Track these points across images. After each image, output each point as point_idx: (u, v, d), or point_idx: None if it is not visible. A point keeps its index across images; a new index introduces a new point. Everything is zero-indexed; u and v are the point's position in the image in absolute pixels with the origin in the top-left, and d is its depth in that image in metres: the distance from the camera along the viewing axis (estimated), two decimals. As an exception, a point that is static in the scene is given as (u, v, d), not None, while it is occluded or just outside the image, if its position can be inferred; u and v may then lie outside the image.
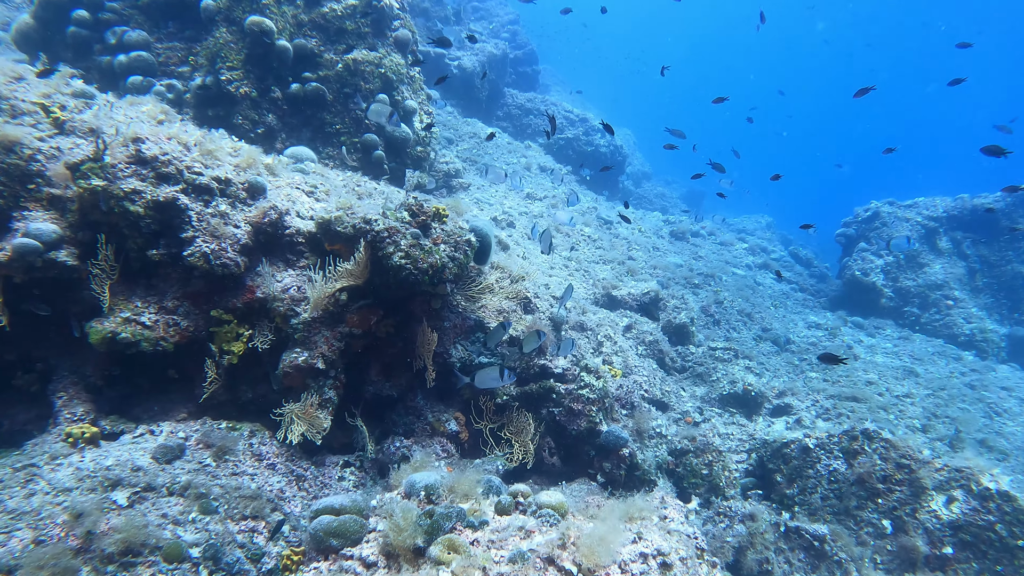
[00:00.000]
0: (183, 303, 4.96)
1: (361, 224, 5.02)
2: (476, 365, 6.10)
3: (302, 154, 7.57)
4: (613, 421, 6.05)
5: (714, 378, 8.72)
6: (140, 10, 7.95)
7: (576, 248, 11.61)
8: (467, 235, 5.57)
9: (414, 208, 5.35)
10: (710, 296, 11.96)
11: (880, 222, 14.89)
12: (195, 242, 4.81)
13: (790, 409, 8.58)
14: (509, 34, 24.10)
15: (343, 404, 5.53)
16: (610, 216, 14.32)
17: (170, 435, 4.51)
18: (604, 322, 8.56)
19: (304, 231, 5.48)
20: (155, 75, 7.85)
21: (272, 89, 7.67)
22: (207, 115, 7.67)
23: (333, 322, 5.29)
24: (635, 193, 24.37)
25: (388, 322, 5.64)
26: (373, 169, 8.40)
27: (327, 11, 7.94)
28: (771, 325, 12.15)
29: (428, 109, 9.26)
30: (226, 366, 5.10)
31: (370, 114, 6.93)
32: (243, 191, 5.37)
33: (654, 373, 8.34)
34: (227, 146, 5.78)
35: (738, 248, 17.80)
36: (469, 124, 17.03)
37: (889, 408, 8.36)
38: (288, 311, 5.20)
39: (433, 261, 5.09)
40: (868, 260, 14.51)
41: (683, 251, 15.10)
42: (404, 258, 4.94)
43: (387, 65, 8.25)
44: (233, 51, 7.51)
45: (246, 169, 5.55)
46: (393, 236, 5.00)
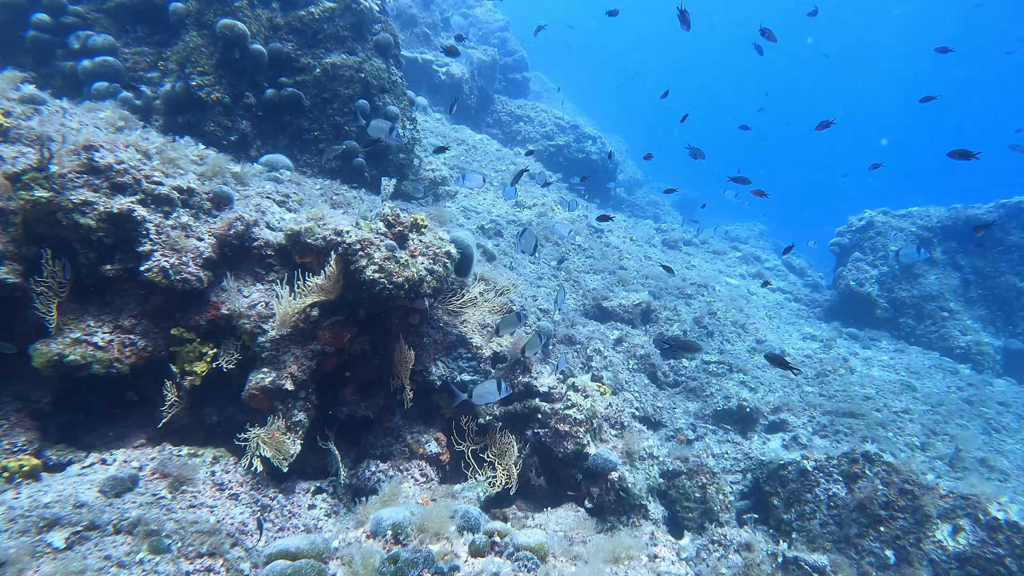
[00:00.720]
0: (141, 321, 4.67)
1: (332, 236, 4.76)
2: (458, 383, 5.84)
3: (277, 162, 7.31)
4: (602, 442, 5.79)
5: (708, 393, 8.47)
6: (106, 14, 7.67)
7: (566, 258, 11.37)
8: (447, 246, 5.31)
9: (390, 218, 5.09)
10: (703, 307, 11.73)
11: (875, 231, 14.75)
12: (153, 256, 4.53)
13: (786, 425, 8.35)
14: (499, 41, 23.99)
15: (316, 425, 5.25)
16: (601, 225, 14.10)
17: (123, 464, 4.21)
18: (594, 335, 8.31)
19: (274, 243, 5.21)
20: (122, 81, 7.57)
21: (246, 95, 7.40)
22: (177, 122, 7.39)
23: (303, 340, 5.01)
24: (627, 200, 24.21)
25: (363, 339, 5.37)
26: (353, 177, 8.14)
27: (304, 14, 7.70)
28: (765, 337, 11.93)
29: (411, 115, 9.01)
30: (188, 388, 4.81)
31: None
32: (208, 201, 5.09)
33: (645, 388, 8.08)
34: (192, 154, 5.51)
35: (731, 257, 17.63)
36: (457, 131, 16.82)
37: (888, 425, 8.14)
38: (255, 328, 4.92)
39: (409, 275, 4.83)
40: (863, 270, 14.35)
41: (676, 260, 14.90)
42: (378, 272, 4.68)
43: (367, 70, 8.01)
44: (204, 55, 7.24)
45: (212, 178, 5.27)
46: (366, 248, 4.73)
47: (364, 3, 7.95)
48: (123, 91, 7.45)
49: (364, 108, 7.96)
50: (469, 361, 6.05)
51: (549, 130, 20.16)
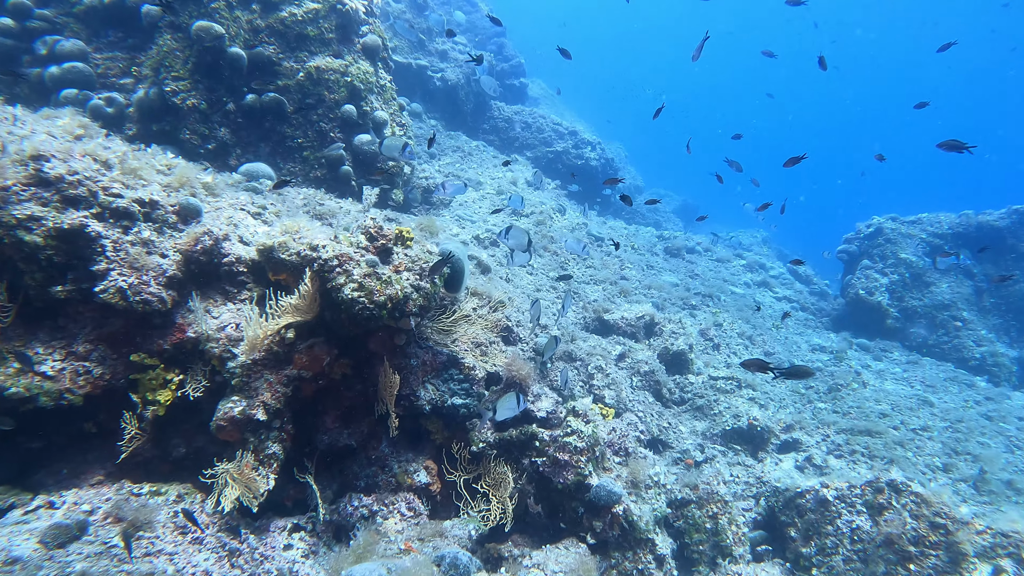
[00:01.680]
0: (98, 347, 4.29)
1: (307, 251, 4.38)
2: (449, 407, 5.45)
3: (258, 171, 6.95)
4: (604, 471, 5.39)
5: (716, 411, 8.07)
6: (76, 18, 7.34)
7: (566, 267, 10.99)
8: (435, 260, 4.93)
9: (372, 231, 4.71)
10: (708, 318, 11.35)
11: (884, 239, 14.39)
12: (109, 275, 4.15)
13: (799, 445, 7.95)
14: (496, 47, 23.72)
15: (294, 456, 4.87)
16: (601, 232, 13.74)
17: (72, 508, 3.81)
18: (595, 351, 7.92)
19: (246, 259, 4.84)
20: (93, 88, 7.22)
21: (224, 101, 7.04)
22: (151, 131, 7.04)
23: (278, 364, 4.63)
24: (627, 208, 23.85)
25: (344, 362, 4.98)
26: (340, 185, 7.78)
27: (286, 15, 7.36)
28: (773, 349, 11.55)
29: (401, 120, 8.66)
30: (151, 419, 4.42)
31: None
32: (173, 214, 4.72)
33: (650, 407, 7.69)
34: (160, 163, 5.15)
35: (736, 265, 17.26)
36: (452, 137, 16.49)
37: (906, 444, 7.73)
38: (224, 352, 4.54)
39: (393, 293, 4.45)
40: (872, 278, 13.97)
41: (678, 269, 14.53)
42: (357, 290, 4.30)
43: (354, 73, 7.66)
44: (179, 60, 6.89)
45: (179, 189, 4.90)
46: (344, 265, 4.35)
47: (350, 4, 7.61)
48: (93, 98, 7.10)
49: (350, 114, 7.61)
50: (461, 383, 5.67)
51: (547, 136, 19.83)
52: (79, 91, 7.11)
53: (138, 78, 7.31)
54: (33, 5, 7.15)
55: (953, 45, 9.92)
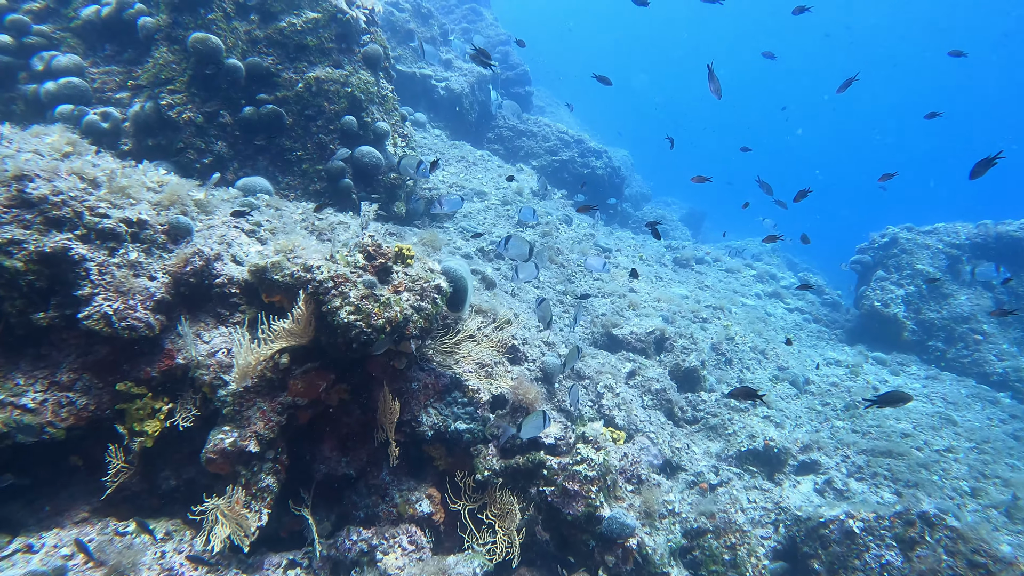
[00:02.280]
0: (83, 376, 4.09)
1: (300, 273, 4.17)
2: (452, 432, 5.22)
3: (255, 185, 6.77)
4: (616, 501, 5.14)
5: (730, 431, 7.81)
6: (73, 32, 7.21)
7: (573, 280, 10.76)
8: (436, 279, 4.72)
9: (370, 249, 4.51)
10: (720, 332, 11.08)
11: (899, 249, 14.09)
12: (94, 301, 3.96)
13: (817, 467, 7.66)
14: (500, 55, 23.62)
15: (289, 487, 4.65)
16: (608, 243, 13.51)
17: (51, 552, 3.60)
18: (604, 368, 7.68)
19: (239, 279, 4.64)
20: (89, 103, 7.07)
21: (221, 114, 6.88)
22: (147, 145, 6.88)
23: (272, 391, 4.42)
24: (634, 216, 23.65)
25: (341, 387, 4.77)
26: (340, 199, 7.60)
27: (285, 26, 7.20)
28: (787, 363, 11.27)
29: (403, 131, 8.48)
30: (139, 451, 4.21)
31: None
32: (162, 234, 4.53)
33: (662, 428, 7.43)
34: (151, 180, 4.96)
35: (746, 275, 16.99)
36: (457, 147, 16.32)
37: (931, 466, 7.44)
38: (215, 380, 4.33)
39: (392, 315, 4.23)
40: (888, 290, 13.68)
41: (688, 280, 14.28)
42: (353, 313, 4.08)
43: (354, 83, 7.49)
44: (175, 73, 6.73)
45: (169, 207, 4.71)
46: (340, 286, 4.14)
47: (350, 12, 7.45)
48: (89, 114, 6.95)
49: (351, 125, 7.43)
50: (465, 407, 5.44)
51: (553, 145, 19.66)
52: (75, 107, 6.96)
53: (135, 92, 7.16)
54: (31, 21, 7.02)
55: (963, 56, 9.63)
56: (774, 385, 10.27)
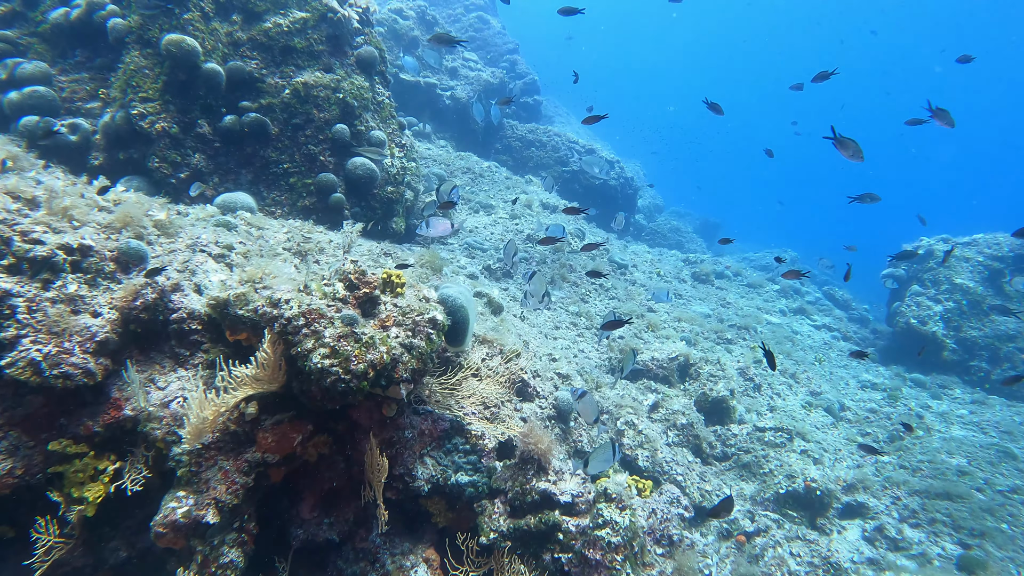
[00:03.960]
0: (9, 434, 3.46)
1: (265, 308, 3.53)
2: (453, 485, 4.56)
3: (236, 202, 6.17)
4: (645, 568, 4.43)
5: (766, 470, 7.07)
6: (41, 38, 6.68)
7: (587, 299, 10.09)
8: (432, 312, 4.06)
9: (352, 277, 3.87)
10: (747, 354, 10.35)
11: (935, 262, 13.30)
12: (20, 344, 3.34)
13: (865, 511, 6.91)
14: (508, 64, 23.11)
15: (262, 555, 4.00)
16: (624, 259, 12.83)
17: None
18: (624, 401, 6.99)
19: (201, 313, 4.00)
20: (57, 113, 6.53)
21: (199, 123, 6.30)
22: (118, 159, 6.31)
23: (237, 446, 3.77)
24: (648, 228, 23.00)
25: (321, 439, 4.11)
26: (331, 215, 6.99)
27: (270, 26, 6.63)
28: (820, 387, 10.51)
29: (401, 140, 7.87)
30: (78, 521, 3.58)
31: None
32: (111, 262, 3.91)
33: (690, 468, 6.71)
34: (104, 199, 4.36)
35: (769, 290, 16.23)
36: (463, 158, 15.74)
37: (996, 511, 6.66)
38: (169, 435, 3.70)
39: (376, 357, 3.58)
40: (924, 306, 12.88)
41: (708, 297, 13.55)
42: (329, 357, 3.43)
43: (346, 89, 6.89)
44: (148, 79, 6.17)
45: (121, 230, 4.10)
46: (313, 324, 3.50)
47: (342, 12, 6.87)
48: (56, 125, 6.40)
49: (342, 134, 6.83)
50: (467, 455, 4.77)
51: (563, 155, 19.05)
52: (40, 118, 6.41)
53: (106, 101, 6.61)
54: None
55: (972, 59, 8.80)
56: (808, 413, 9.51)
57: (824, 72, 7.02)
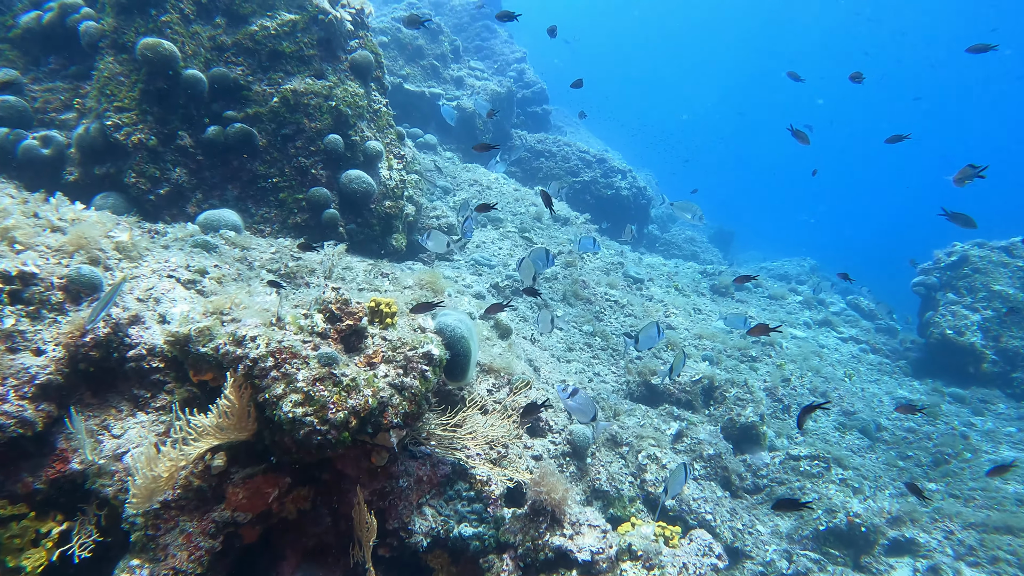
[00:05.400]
0: (-71, 494, 2.98)
1: (228, 347, 3.03)
2: (456, 538, 4.03)
3: (220, 220, 5.71)
4: (676, 635, 3.86)
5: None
6: (12, 44, 6.30)
7: (601, 317, 9.54)
8: (426, 345, 3.54)
9: (334, 307, 3.36)
10: (773, 372, 9.75)
11: (970, 268, 12.65)
12: (-60, 391, 2.85)
13: (915, 547, 6.30)
14: (516, 73, 22.71)
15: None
16: (640, 273, 12.27)
17: None
18: (645, 431, 6.43)
19: (164, 348, 3.51)
20: (29, 125, 6.12)
21: (179, 135, 5.86)
22: (94, 174, 5.88)
23: (201, 504, 3.26)
24: (662, 239, 22.44)
25: (301, 493, 3.60)
26: (325, 233, 6.51)
27: (256, 30, 6.19)
28: (853, 406, 9.88)
29: (400, 151, 7.40)
30: (14, 594, 3.08)
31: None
32: (59, 291, 3.43)
33: (719, 504, 6.14)
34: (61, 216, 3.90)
35: (791, 302, 15.59)
36: (469, 170, 15.28)
37: (1065, 548, 6.03)
38: (123, 491, 3.19)
39: (359, 403, 3.06)
40: (961, 315, 12.21)
41: (730, 311, 12.93)
42: (302, 404, 2.92)
43: (339, 96, 6.44)
44: (124, 87, 5.74)
45: (74, 254, 3.62)
46: (283, 365, 2.99)
47: (333, 13, 6.43)
48: (27, 138, 5.98)
49: (335, 145, 6.37)
50: (471, 503, 4.25)
51: (573, 165, 18.57)
52: (10, 131, 6.00)
53: (81, 111, 6.19)
54: (-42, 31, 6.12)
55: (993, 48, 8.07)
56: (842, 435, 8.89)
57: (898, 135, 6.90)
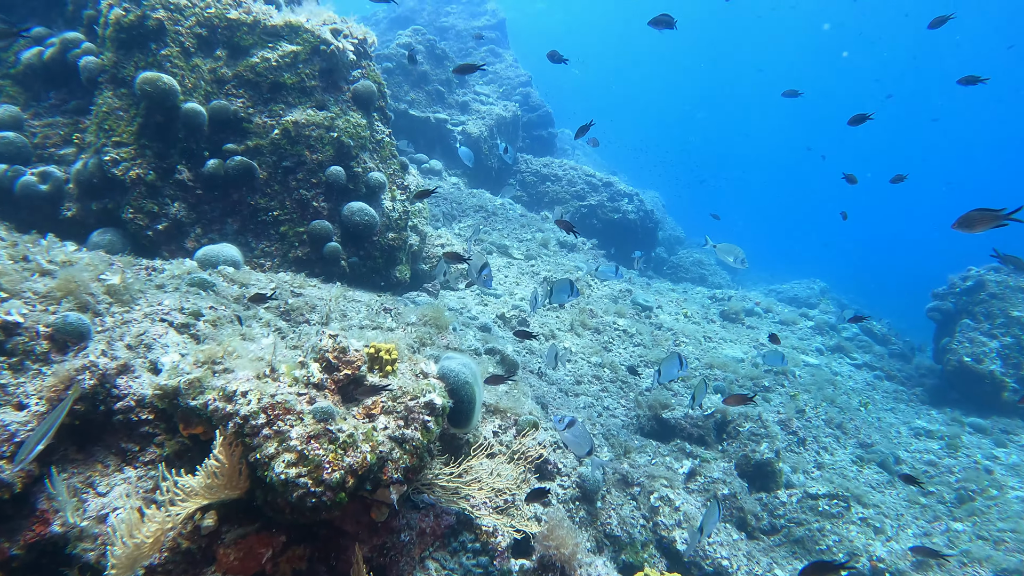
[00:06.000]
0: (-100, 561, 2.81)
1: (217, 403, 2.87)
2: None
3: (219, 255, 5.59)
4: None
5: (822, 546, 6.23)
6: (14, 80, 6.27)
7: (610, 348, 9.36)
8: (429, 395, 3.38)
9: (331, 356, 3.21)
10: (787, 404, 9.51)
11: (987, 293, 12.43)
12: (-88, 452, 2.70)
13: (943, 594, 6.01)
14: (521, 96, 22.81)
15: None
16: (648, 300, 12.10)
17: None
18: (657, 470, 6.21)
19: (153, 400, 3.35)
20: (28, 161, 6.06)
21: (178, 169, 5.77)
22: (91, 210, 5.79)
23: (191, 567, 3.08)
24: (669, 262, 22.27)
25: (297, 552, 3.40)
26: (326, 266, 6.39)
27: (257, 61, 6.13)
28: (870, 437, 9.62)
29: (403, 182, 7.30)
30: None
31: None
32: (44, 340, 3.29)
33: (736, 547, 5.89)
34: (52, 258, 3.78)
35: (803, 327, 15.37)
36: (475, 196, 15.25)
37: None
38: (104, 558, 3.01)
39: (356, 460, 2.90)
40: (979, 342, 11.96)
41: (740, 338, 12.73)
42: (296, 464, 2.76)
43: (341, 127, 6.35)
44: (122, 121, 5.67)
45: (61, 300, 3.49)
46: (276, 422, 2.83)
47: (335, 44, 6.37)
48: (26, 174, 5.91)
49: (337, 177, 6.27)
50: (477, 556, 4.06)
51: (580, 189, 18.51)
52: (8, 167, 5.94)
53: (80, 146, 6.13)
54: (-42, 68, 6.09)
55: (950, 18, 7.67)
56: (860, 469, 8.62)
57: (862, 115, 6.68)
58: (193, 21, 6.02)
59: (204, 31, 6.07)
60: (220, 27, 6.14)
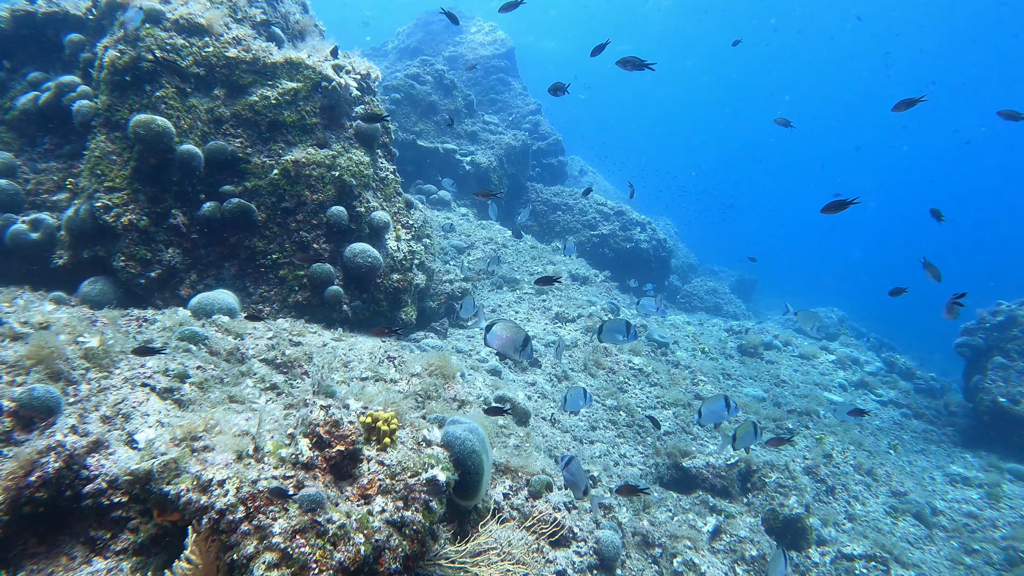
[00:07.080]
0: None
1: (191, 493, 2.58)
2: None
3: (214, 303, 5.35)
4: None
5: (860, 615, 5.78)
6: (9, 126, 6.15)
7: (625, 388, 9.00)
8: (431, 471, 3.08)
9: (322, 431, 2.92)
10: (814, 448, 9.08)
11: (1020, 329, 11.97)
12: None
13: (995, 669, 5.54)
14: (531, 125, 22.73)
15: None
16: (664, 336, 11.74)
17: None
18: (679, 529, 5.82)
19: (127, 481, 3.06)
20: (20, 208, 5.90)
21: (172, 213, 5.57)
22: (83, 258, 5.58)
23: (163, 674, 2.75)
24: (683, 291, 21.93)
25: (283, 651, 3.07)
26: (328, 311, 6.13)
27: (256, 100, 5.95)
28: (903, 484, 9.14)
29: (408, 220, 7.07)
30: None
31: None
32: (6, 418, 3.02)
33: (766, 617, 5.47)
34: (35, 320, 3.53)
35: (824, 362, 14.90)
36: (484, 227, 15.02)
37: None
38: (67, 663, 2.71)
39: (348, 556, 2.59)
40: (1013, 381, 11.47)
41: (760, 375, 12.31)
42: (279, 565, 2.45)
43: (343, 165, 6.14)
44: (115, 165, 5.49)
45: (31, 370, 3.23)
46: (257, 515, 2.53)
47: (337, 80, 6.19)
48: (16, 222, 5.73)
49: (339, 217, 6.04)
50: None
51: (591, 218, 18.27)
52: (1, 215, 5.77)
53: (74, 192, 5.96)
54: (-49, 112, 5.96)
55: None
56: (895, 521, 8.15)
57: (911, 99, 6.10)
58: (191, 61, 5.87)
59: (202, 71, 5.91)
60: (218, 66, 5.98)
